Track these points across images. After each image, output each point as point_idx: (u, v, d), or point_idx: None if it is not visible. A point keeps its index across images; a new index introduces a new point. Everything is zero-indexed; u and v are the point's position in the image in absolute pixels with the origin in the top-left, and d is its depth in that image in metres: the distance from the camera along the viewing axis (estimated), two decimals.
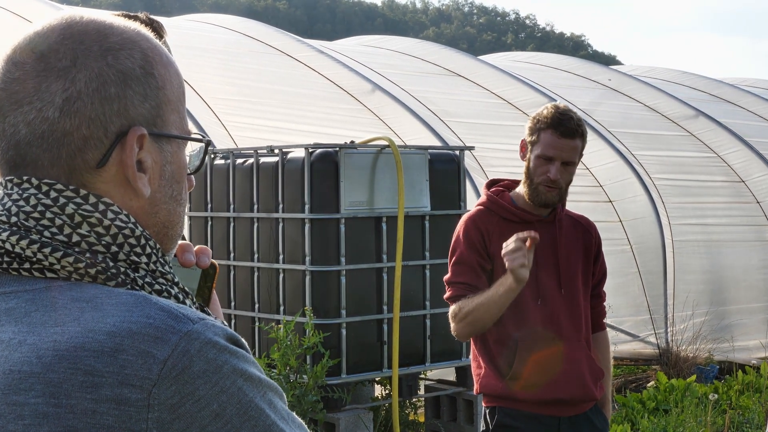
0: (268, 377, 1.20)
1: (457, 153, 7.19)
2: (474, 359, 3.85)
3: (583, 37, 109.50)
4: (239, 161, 7.06)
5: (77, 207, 1.20)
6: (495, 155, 9.84)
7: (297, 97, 9.82)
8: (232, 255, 7.11)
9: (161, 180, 1.27)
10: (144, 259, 1.23)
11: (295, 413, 1.24)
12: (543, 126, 3.68)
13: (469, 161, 8.83)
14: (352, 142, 6.79)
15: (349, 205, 6.57)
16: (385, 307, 6.73)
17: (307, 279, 6.58)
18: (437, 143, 9.01)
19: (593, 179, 10.51)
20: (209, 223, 7.29)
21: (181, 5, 64.38)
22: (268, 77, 10.26)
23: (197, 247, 1.42)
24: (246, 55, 10.65)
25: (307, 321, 6.34)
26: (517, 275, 3.43)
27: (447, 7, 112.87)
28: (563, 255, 3.79)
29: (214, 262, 1.42)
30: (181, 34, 10.10)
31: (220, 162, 7.21)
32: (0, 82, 1.23)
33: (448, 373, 7.47)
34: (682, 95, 13.12)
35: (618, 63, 57.11)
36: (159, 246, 1.26)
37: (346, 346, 6.57)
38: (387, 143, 6.76)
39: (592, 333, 3.91)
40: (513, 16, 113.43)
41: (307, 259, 6.57)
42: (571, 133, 3.67)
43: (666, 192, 10.83)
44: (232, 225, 7.12)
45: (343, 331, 6.57)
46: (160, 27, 2.98)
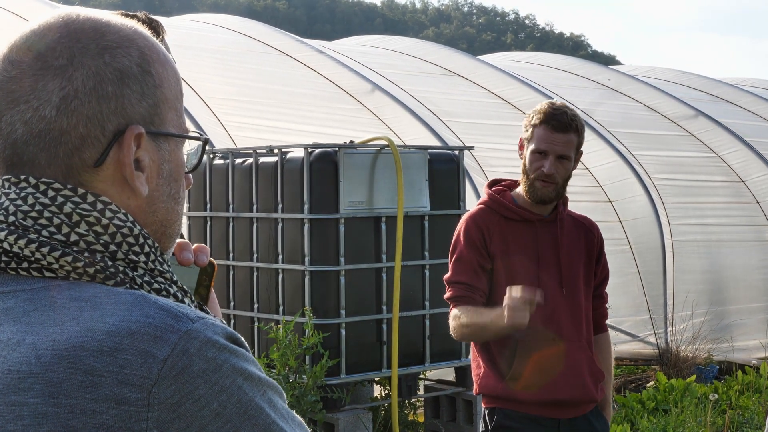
0: (267, 376, 1.19)
1: (457, 153, 7.19)
2: (474, 359, 3.85)
3: (582, 37, 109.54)
4: (238, 161, 7.06)
5: (75, 206, 1.20)
6: (494, 155, 9.84)
7: (296, 97, 9.81)
8: (231, 255, 7.11)
9: (159, 179, 1.27)
10: (142, 257, 1.22)
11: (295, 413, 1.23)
12: (537, 122, 3.71)
13: (468, 161, 8.82)
14: (352, 142, 6.78)
15: (349, 205, 6.57)
16: (384, 307, 6.73)
17: (307, 279, 6.57)
18: (437, 143, 9.00)
19: (593, 179, 10.51)
20: (208, 223, 7.28)
21: (180, 5, 64.36)
22: (268, 77, 10.26)
23: (195, 246, 1.42)
24: (245, 54, 10.65)
25: (307, 321, 6.34)
26: (514, 327, 3.44)
27: (446, 7, 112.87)
28: (565, 255, 3.79)
29: (212, 260, 1.42)
30: (181, 34, 10.09)
31: (219, 162, 7.20)
32: None
33: (448, 373, 7.46)
34: (682, 95, 13.12)
35: (617, 63, 57.11)
36: (157, 245, 1.25)
37: (345, 346, 6.57)
38: (386, 143, 6.76)
39: (594, 334, 3.89)
40: (512, 16, 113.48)
41: (307, 259, 6.57)
42: (564, 127, 3.68)
43: (665, 192, 10.83)
44: (231, 225, 7.12)
45: (343, 331, 6.57)
46: (159, 26, 2.98)
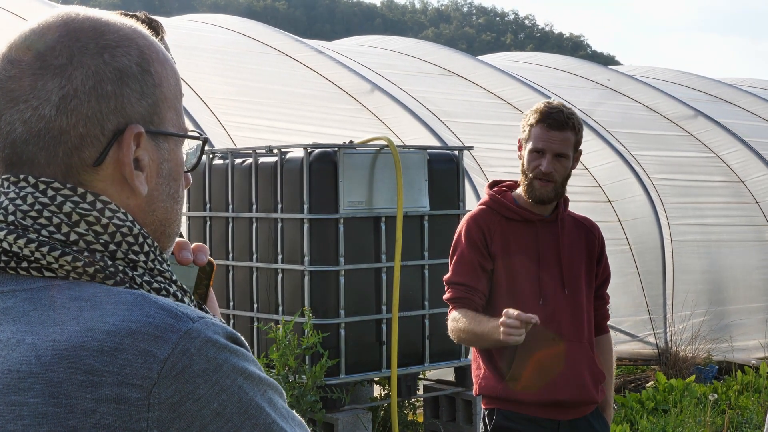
0: (267, 376, 1.19)
1: (456, 153, 7.19)
2: (474, 360, 3.84)
3: (582, 38, 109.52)
4: (238, 161, 7.05)
5: (75, 205, 1.20)
6: (494, 155, 9.84)
7: (296, 97, 9.81)
8: (230, 255, 7.11)
9: (158, 178, 1.27)
10: (142, 257, 1.22)
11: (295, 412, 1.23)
12: (533, 121, 3.73)
13: (468, 161, 8.82)
14: (351, 142, 6.78)
15: (348, 205, 6.57)
16: (384, 307, 6.73)
17: (306, 279, 6.57)
18: (436, 143, 9.00)
19: (592, 179, 10.51)
20: (208, 223, 7.28)
21: (180, 5, 64.36)
22: (267, 77, 10.26)
23: (194, 245, 1.42)
24: (245, 55, 10.65)
25: (306, 321, 6.34)
26: (507, 343, 3.44)
27: (446, 8, 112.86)
28: (566, 255, 3.78)
29: (211, 259, 1.42)
30: (180, 34, 10.09)
31: (218, 162, 7.20)
32: None
33: (447, 373, 7.46)
34: (681, 95, 13.11)
35: (617, 63, 57.12)
36: (156, 244, 1.25)
37: (344, 346, 6.56)
38: (386, 143, 6.76)
39: (595, 336, 3.88)
40: (512, 17, 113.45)
41: (306, 259, 6.56)
42: (560, 125, 3.69)
43: (665, 192, 10.83)
44: (230, 225, 7.11)
45: (342, 331, 6.57)
46: (158, 26, 2.98)
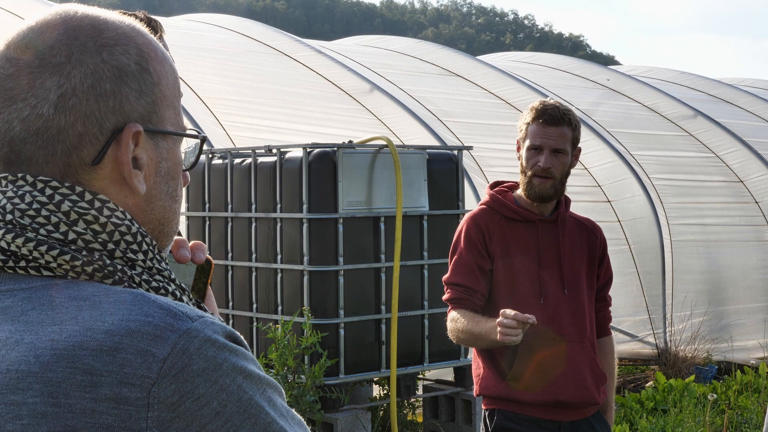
0: (267, 375, 1.19)
1: (456, 153, 7.18)
2: (474, 360, 3.83)
3: (581, 38, 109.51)
4: (237, 161, 7.05)
5: (73, 204, 1.20)
6: (493, 155, 9.84)
7: (295, 97, 9.81)
8: (230, 255, 7.10)
9: (157, 177, 1.26)
10: (140, 256, 1.22)
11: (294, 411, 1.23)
12: (529, 119, 3.74)
13: (467, 161, 8.82)
14: (351, 142, 6.78)
15: (347, 205, 6.57)
16: (383, 307, 6.73)
17: (305, 279, 6.57)
18: (436, 143, 9.00)
19: (592, 179, 10.51)
20: (207, 222, 7.28)
21: (180, 5, 64.37)
22: (267, 77, 10.25)
23: (192, 243, 1.41)
24: (244, 55, 10.65)
25: (305, 321, 6.33)
26: (504, 343, 3.43)
27: (445, 8, 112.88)
28: (566, 255, 3.77)
29: (209, 257, 1.42)
30: (180, 34, 10.09)
31: (218, 162, 7.20)
32: None
33: (447, 373, 7.46)
34: (681, 95, 13.11)
35: (616, 63, 57.15)
36: (155, 242, 1.25)
37: (344, 346, 6.56)
38: (385, 143, 6.75)
39: (597, 338, 3.86)
40: (511, 17, 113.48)
41: (305, 259, 6.56)
42: (556, 121, 3.69)
43: (664, 192, 10.83)
44: (230, 225, 7.11)
45: (341, 331, 6.56)
46: (157, 25, 2.97)
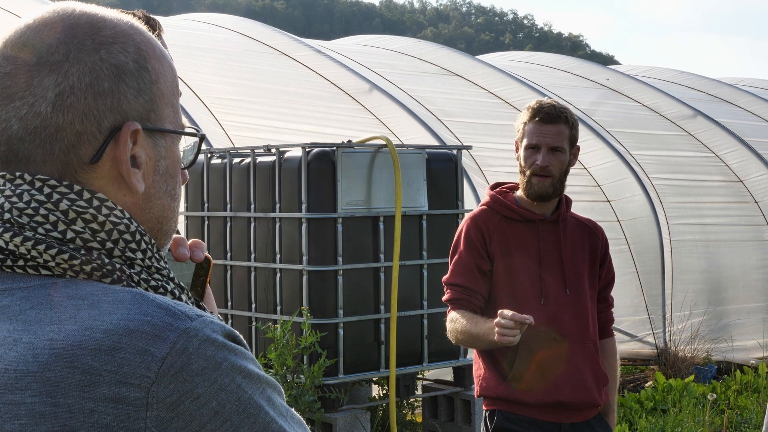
0: (266, 374, 1.19)
1: (455, 152, 7.18)
2: (475, 361, 3.82)
3: (581, 37, 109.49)
4: (236, 161, 7.05)
5: (71, 203, 1.19)
6: (493, 155, 9.84)
7: (294, 97, 9.81)
8: (229, 255, 7.10)
9: (155, 175, 1.26)
10: (139, 255, 1.22)
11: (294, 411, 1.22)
12: (526, 119, 3.76)
13: (466, 161, 8.82)
14: (350, 142, 6.77)
15: (347, 205, 6.56)
16: (382, 307, 6.72)
17: (304, 278, 6.56)
18: (435, 143, 8.99)
19: (591, 179, 10.50)
20: (206, 222, 7.27)
21: (179, 4, 64.37)
22: (266, 77, 10.25)
23: (191, 241, 1.41)
24: (244, 54, 10.64)
25: (304, 321, 6.33)
26: (502, 344, 3.42)
27: (445, 7, 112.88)
28: (568, 255, 3.76)
29: (208, 255, 1.41)
30: (179, 34, 10.09)
31: (217, 161, 7.20)
32: None
33: (446, 373, 7.46)
34: (680, 95, 13.11)
35: (616, 63, 57.15)
36: (154, 241, 1.25)
37: (343, 346, 6.56)
38: (384, 143, 6.75)
39: (599, 339, 3.84)
40: (511, 16, 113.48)
41: (304, 258, 6.56)
42: (552, 119, 3.70)
43: (664, 192, 10.82)
44: (229, 224, 7.11)
45: (341, 331, 6.56)
46: (156, 25, 2.97)
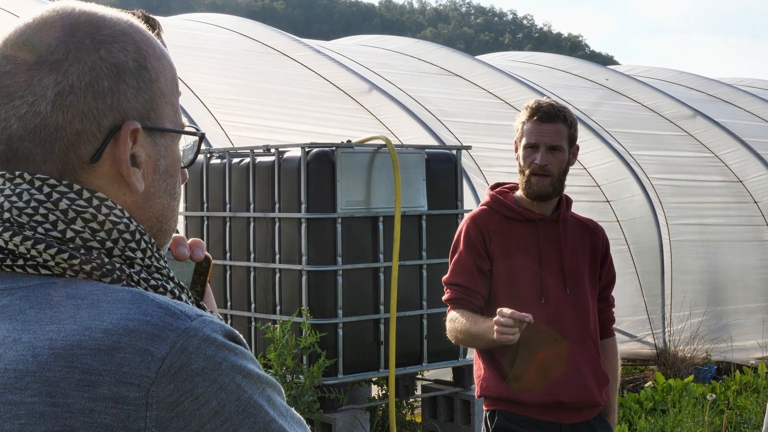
0: (266, 374, 1.18)
1: (455, 152, 7.18)
2: (475, 361, 3.82)
3: (580, 38, 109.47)
4: (235, 161, 7.05)
5: (71, 202, 1.19)
6: (492, 155, 9.84)
7: (294, 97, 9.81)
8: (228, 255, 7.10)
9: (155, 174, 1.26)
10: (139, 254, 1.21)
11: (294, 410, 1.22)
12: (524, 118, 3.76)
13: (466, 161, 8.82)
14: (349, 142, 6.77)
15: (346, 205, 6.56)
16: (381, 307, 6.72)
17: (304, 279, 6.56)
18: (434, 143, 8.99)
19: (590, 179, 10.50)
20: (205, 222, 7.27)
21: (178, 4, 64.35)
22: (265, 77, 10.25)
23: (191, 240, 1.41)
24: (243, 54, 10.64)
25: (304, 321, 6.33)
26: (501, 342, 3.41)
27: (444, 8, 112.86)
28: (568, 254, 3.76)
29: (207, 254, 1.41)
30: (179, 34, 10.09)
31: (216, 161, 7.19)
32: None
33: (445, 373, 7.46)
34: (680, 95, 13.11)
35: (615, 63, 57.13)
36: (154, 241, 1.24)
37: (342, 346, 6.56)
38: (384, 143, 6.75)
39: (600, 338, 3.84)
40: (510, 17, 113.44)
41: (304, 258, 6.56)
42: (550, 118, 3.70)
43: (663, 192, 10.82)
44: (228, 225, 7.10)
45: (340, 331, 6.56)
46: (155, 24, 2.97)
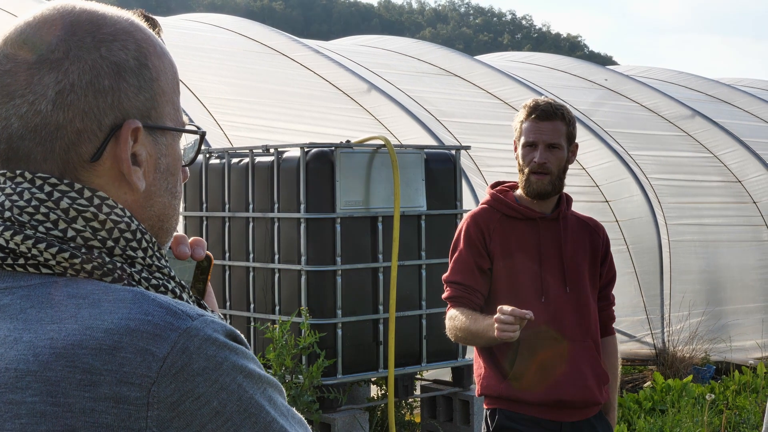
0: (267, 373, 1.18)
1: (453, 152, 7.18)
2: (476, 360, 3.82)
3: (579, 38, 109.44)
4: (235, 161, 7.04)
5: (72, 201, 1.19)
6: (491, 155, 9.84)
7: (293, 97, 9.80)
8: (227, 255, 7.09)
9: (156, 173, 1.25)
10: (140, 253, 1.21)
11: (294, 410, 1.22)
12: (523, 117, 3.76)
13: (465, 161, 8.82)
14: (348, 142, 6.77)
15: (345, 205, 6.56)
16: (381, 307, 6.72)
17: (303, 279, 6.56)
18: (433, 143, 8.99)
19: (589, 179, 10.50)
20: (204, 222, 7.27)
21: (177, 4, 64.35)
22: (264, 77, 10.25)
23: (192, 239, 1.40)
24: (242, 54, 10.64)
25: (303, 321, 6.33)
26: (502, 340, 3.41)
27: (443, 8, 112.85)
28: (568, 253, 3.76)
29: (208, 253, 1.41)
30: (178, 34, 10.09)
31: (215, 161, 7.19)
32: None
33: (445, 373, 7.46)
34: (679, 95, 13.12)
35: (614, 63, 57.16)
36: (155, 240, 1.24)
37: (341, 346, 6.56)
38: (383, 143, 6.75)
39: (600, 337, 3.83)
40: (509, 17, 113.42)
41: (303, 258, 6.55)
42: (548, 116, 3.70)
43: (662, 192, 10.83)
44: (227, 225, 7.10)
45: (339, 331, 6.56)
46: (155, 24, 2.97)
